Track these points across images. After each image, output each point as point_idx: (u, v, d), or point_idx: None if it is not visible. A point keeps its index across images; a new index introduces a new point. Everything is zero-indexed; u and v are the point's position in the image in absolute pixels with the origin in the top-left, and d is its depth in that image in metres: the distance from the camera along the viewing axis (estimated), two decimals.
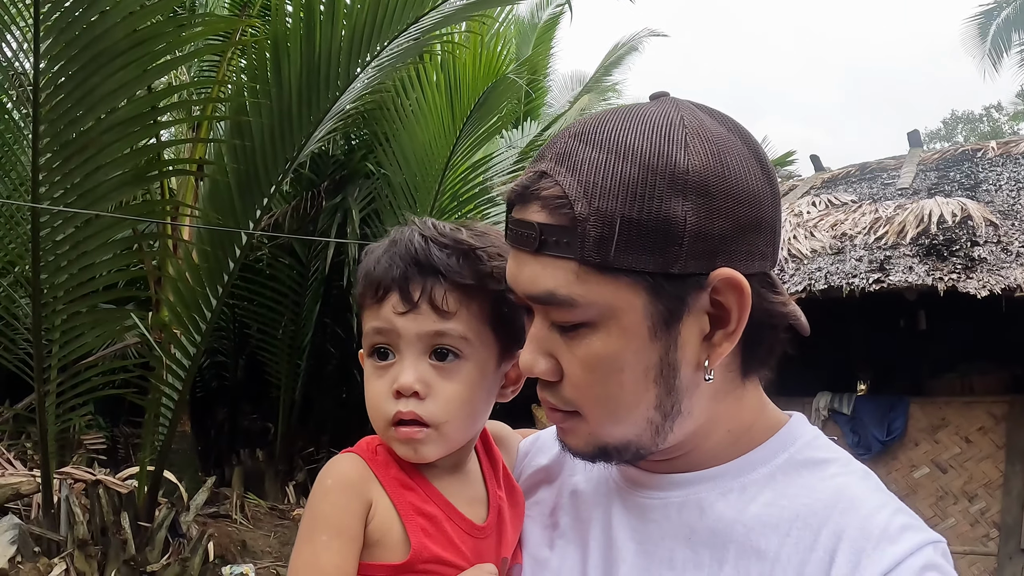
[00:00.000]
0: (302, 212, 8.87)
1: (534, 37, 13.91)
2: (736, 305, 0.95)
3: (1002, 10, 21.46)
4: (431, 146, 8.13)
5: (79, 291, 5.54)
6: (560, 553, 1.14)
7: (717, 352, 0.97)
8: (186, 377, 5.94)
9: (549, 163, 0.96)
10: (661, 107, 0.97)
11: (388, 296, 1.11)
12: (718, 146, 0.94)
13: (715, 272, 0.93)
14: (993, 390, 7.65)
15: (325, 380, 10.13)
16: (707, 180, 0.91)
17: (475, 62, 7.98)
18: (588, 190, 0.91)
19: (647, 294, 0.93)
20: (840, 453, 1.06)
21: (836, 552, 0.93)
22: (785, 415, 1.10)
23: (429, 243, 1.11)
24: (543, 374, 1.00)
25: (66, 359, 5.63)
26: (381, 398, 1.11)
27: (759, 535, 0.98)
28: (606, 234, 0.90)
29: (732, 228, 0.93)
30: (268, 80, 5.73)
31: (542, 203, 0.94)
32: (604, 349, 0.95)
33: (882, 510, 0.96)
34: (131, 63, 4.92)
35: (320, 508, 1.08)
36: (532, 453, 1.31)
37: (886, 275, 6.90)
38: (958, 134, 36.50)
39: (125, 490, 5.76)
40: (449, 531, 1.11)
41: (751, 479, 1.03)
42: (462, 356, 1.11)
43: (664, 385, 0.97)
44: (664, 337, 0.95)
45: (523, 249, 0.97)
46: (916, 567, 0.90)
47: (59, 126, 4.98)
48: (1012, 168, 8.44)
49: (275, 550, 7.41)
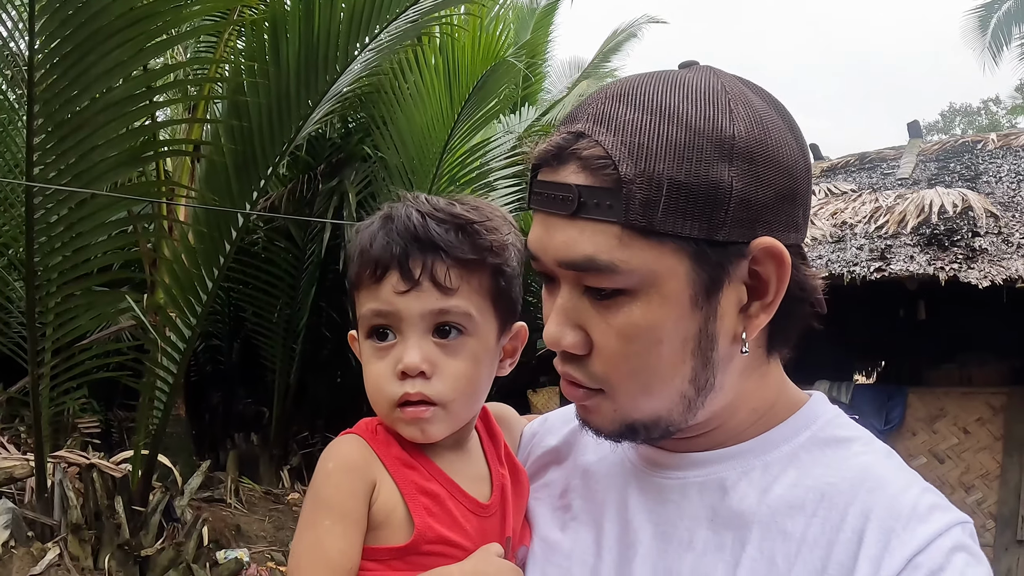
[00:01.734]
0: (298, 195, 8.81)
1: (533, 22, 13.82)
2: (775, 275, 0.93)
3: (1003, 3, 21.40)
4: (429, 129, 8.07)
5: (73, 273, 5.47)
6: (572, 536, 1.11)
7: (754, 324, 0.96)
8: (181, 360, 5.89)
9: (586, 124, 0.92)
10: (700, 74, 0.94)
11: (387, 275, 1.07)
12: (759, 114, 0.92)
13: (756, 241, 0.91)
14: (992, 381, 7.65)
15: (320, 364, 10.09)
16: (751, 147, 0.89)
17: (474, 45, 7.91)
18: (633, 151, 0.88)
19: (691, 261, 0.90)
20: (862, 432, 1.04)
21: (864, 532, 0.91)
22: (805, 394, 1.08)
23: (427, 218, 1.08)
24: (571, 347, 0.96)
25: (60, 342, 5.58)
26: (384, 380, 1.08)
27: (784, 516, 0.96)
28: (653, 197, 0.87)
29: (773, 197, 0.91)
30: (266, 61, 5.67)
31: (581, 163, 0.90)
32: (644, 318, 0.92)
33: (910, 489, 0.94)
34: (127, 42, 4.85)
35: (323, 492, 1.06)
36: (541, 434, 1.28)
37: (887, 264, 6.89)
38: (956, 127, 36.55)
39: (119, 474, 5.72)
40: (453, 510, 1.09)
41: (773, 457, 1.01)
42: (465, 332, 1.09)
43: (701, 357, 0.95)
44: (705, 307, 0.93)
45: (556, 213, 0.93)
46: (945, 548, 0.88)
47: (54, 106, 4.91)
48: (1012, 160, 8.43)
49: (269, 535, 7.39)
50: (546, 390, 9.90)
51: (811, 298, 1.01)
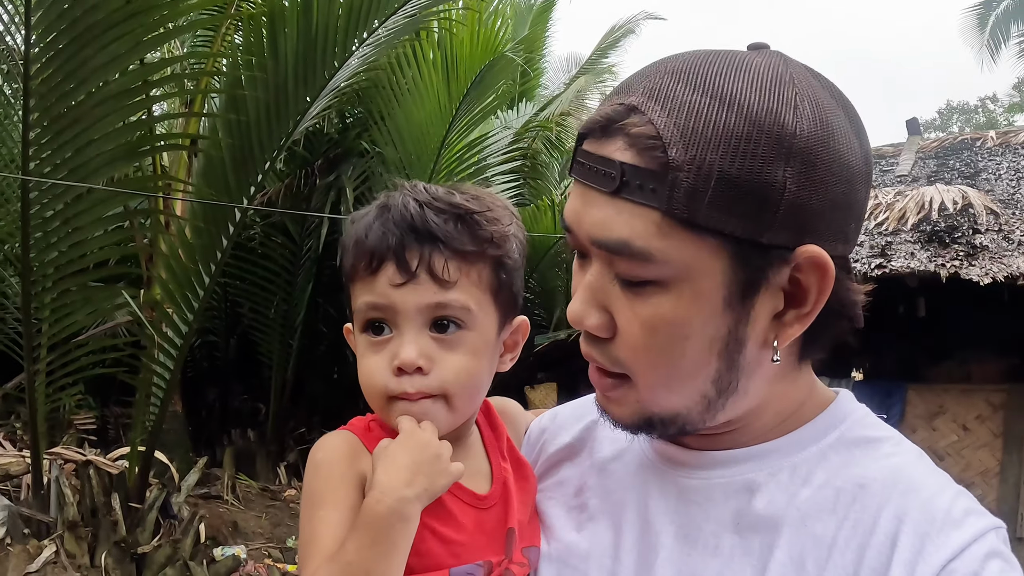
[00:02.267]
0: (295, 190, 8.78)
1: (531, 18, 13.81)
2: (816, 286, 0.89)
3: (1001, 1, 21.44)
4: (427, 125, 8.04)
5: (69, 268, 5.43)
6: (589, 537, 1.06)
7: (787, 333, 0.92)
8: (178, 356, 5.86)
9: (640, 98, 0.87)
10: (769, 59, 0.88)
11: (383, 267, 1.04)
12: (825, 113, 0.86)
13: (802, 248, 0.86)
14: (991, 378, 7.65)
15: (317, 360, 10.06)
16: (812, 148, 0.84)
17: (472, 40, 7.88)
18: (686, 135, 0.83)
19: (730, 260, 0.86)
20: (891, 432, 1.00)
21: (898, 536, 0.88)
22: (832, 392, 1.04)
23: (425, 208, 1.04)
24: (594, 328, 0.93)
25: (56, 338, 5.54)
26: (379, 375, 1.05)
27: (815, 519, 0.92)
28: (700, 187, 0.82)
29: (827, 204, 0.86)
30: (264, 55, 5.64)
31: (629, 140, 0.85)
32: (672, 312, 0.88)
33: (944, 492, 0.91)
34: (124, 36, 4.80)
35: (313, 484, 1.03)
36: (552, 430, 1.23)
37: (888, 261, 6.87)
38: (953, 124, 36.57)
39: (116, 471, 5.69)
40: (447, 502, 1.05)
41: (801, 458, 0.97)
42: (464, 326, 1.05)
43: (727, 360, 0.91)
44: (737, 309, 0.88)
45: (596, 187, 0.88)
46: (980, 555, 0.85)
47: (50, 100, 4.87)
48: (1012, 158, 8.45)
49: (266, 531, 7.36)
50: (544, 386, 9.89)
51: (849, 313, 0.96)
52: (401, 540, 0.97)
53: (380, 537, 0.96)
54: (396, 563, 0.97)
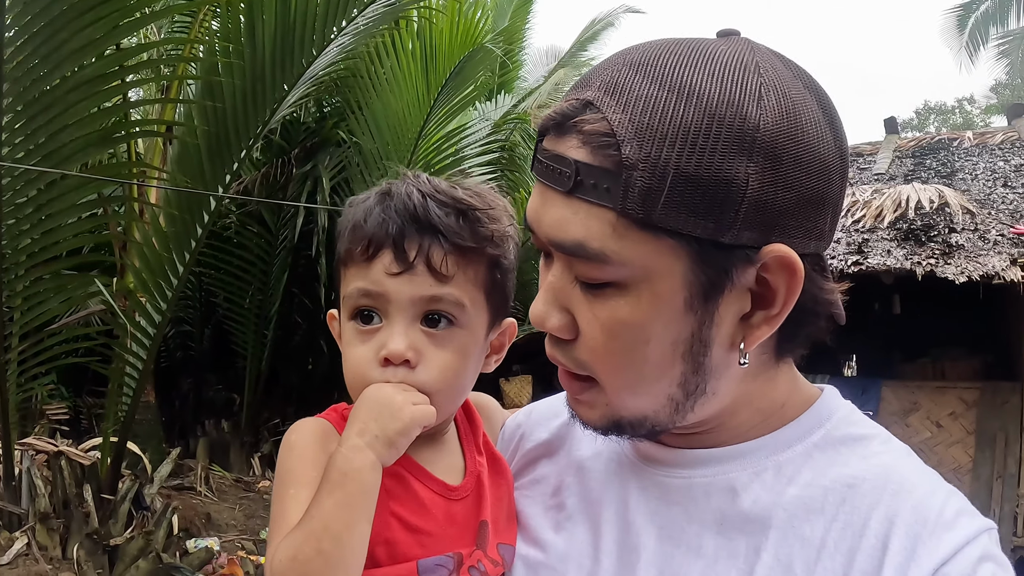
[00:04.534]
0: (272, 179, 8.72)
1: (511, 9, 13.77)
2: (785, 287, 0.85)
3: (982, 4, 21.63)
4: (404, 115, 8.00)
5: (42, 256, 5.36)
6: (567, 537, 1.04)
7: (755, 335, 0.88)
8: (151, 345, 5.80)
9: (596, 92, 0.83)
10: (734, 47, 0.84)
11: (380, 254, 1.02)
12: (794, 103, 0.82)
13: (768, 248, 0.82)
14: (965, 376, 7.73)
15: (292, 351, 10.01)
16: (777, 141, 0.79)
17: (451, 30, 7.84)
18: (640, 131, 0.79)
19: (689, 261, 0.82)
20: (878, 429, 0.98)
21: (889, 538, 0.86)
22: (816, 389, 1.01)
23: (428, 199, 1.02)
24: (555, 330, 0.91)
25: (28, 326, 5.47)
26: (365, 365, 1.03)
27: (802, 520, 0.90)
28: (655, 186, 0.78)
29: (795, 201, 0.81)
30: (241, 42, 5.58)
31: (583, 138, 0.82)
32: (631, 315, 0.85)
33: (935, 493, 0.89)
34: (100, 20, 4.74)
35: (286, 464, 1.02)
36: (527, 426, 1.20)
37: (864, 258, 6.91)
38: (930, 124, 36.85)
39: (88, 461, 5.64)
40: (418, 491, 1.04)
41: (786, 457, 0.94)
42: (456, 323, 1.04)
43: (692, 363, 0.88)
44: (700, 311, 0.85)
45: (552, 187, 0.85)
46: (973, 558, 0.84)
47: (23, 84, 4.79)
48: (988, 159, 8.52)
49: (240, 523, 7.31)
50: (519, 379, 9.90)
51: (825, 312, 0.93)
52: (357, 492, 0.95)
53: (335, 489, 0.95)
54: (355, 518, 0.95)
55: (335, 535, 0.93)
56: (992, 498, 7.12)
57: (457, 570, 1.03)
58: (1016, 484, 7.21)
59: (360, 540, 0.95)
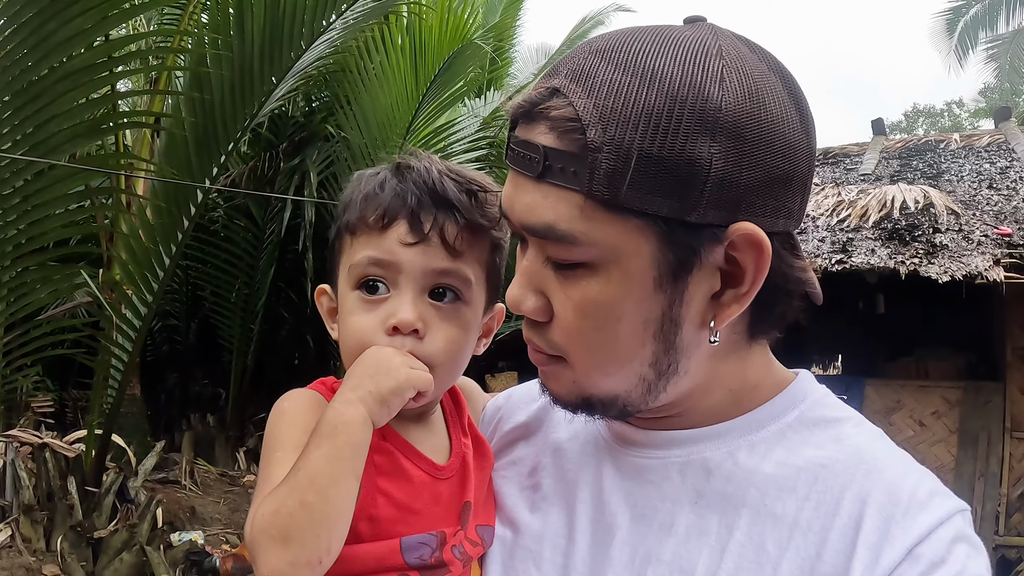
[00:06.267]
0: (259, 173, 8.69)
1: (501, 6, 13.77)
2: (753, 265, 0.86)
3: (971, 7, 21.69)
4: (393, 110, 8.00)
5: (29, 246, 5.36)
6: (542, 517, 1.05)
7: (725, 313, 0.89)
8: (136, 338, 5.79)
9: (563, 80, 0.85)
10: (698, 32, 0.86)
11: (395, 224, 1.03)
12: (757, 85, 0.83)
13: (735, 226, 0.84)
14: (948, 375, 7.77)
15: (278, 345, 10.01)
16: (740, 121, 0.81)
17: (441, 26, 7.85)
18: (604, 115, 0.81)
19: (657, 240, 0.84)
20: (851, 412, 0.99)
21: (862, 518, 0.87)
22: (791, 373, 1.02)
23: (444, 177, 1.04)
24: (530, 312, 0.93)
25: (14, 317, 5.46)
26: (370, 334, 1.03)
27: (775, 498, 0.91)
28: (619, 168, 0.80)
29: (760, 179, 0.83)
30: (230, 34, 5.57)
31: (550, 124, 0.84)
32: (601, 295, 0.87)
33: (909, 474, 0.90)
34: (89, 10, 4.72)
35: (275, 429, 1.02)
36: (507, 409, 1.22)
37: (848, 256, 6.94)
38: (919, 127, 36.95)
39: (72, 454, 5.62)
40: (406, 468, 1.05)
41: (759, 437, 0.96)
42: (461, 299, 1.05)
43: (663, 342, 0.89)
44: (670, 290, 0.87)
45: (523, 173, 0.88)
46: (947, 539, 0.85)
47: (11, 74, 4.78)
48: (974, 161, 8.57)
49: (225, 517, 7.30)
50: (504, 375, 9.90)
51: (797, 291, 0.95)
52: (346, 445, 0.94)
53: (323, 441, 0.94)
54: (342, 471, 0.94)
55: (320, 488, 0.92)
56: (974, 497, 7.17)
57: (440, 549, 1.03)
58: (998, 483, 7.26)
59: (346, 497, 0.94)
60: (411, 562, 1.02)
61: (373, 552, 1.01)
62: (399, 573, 1.02)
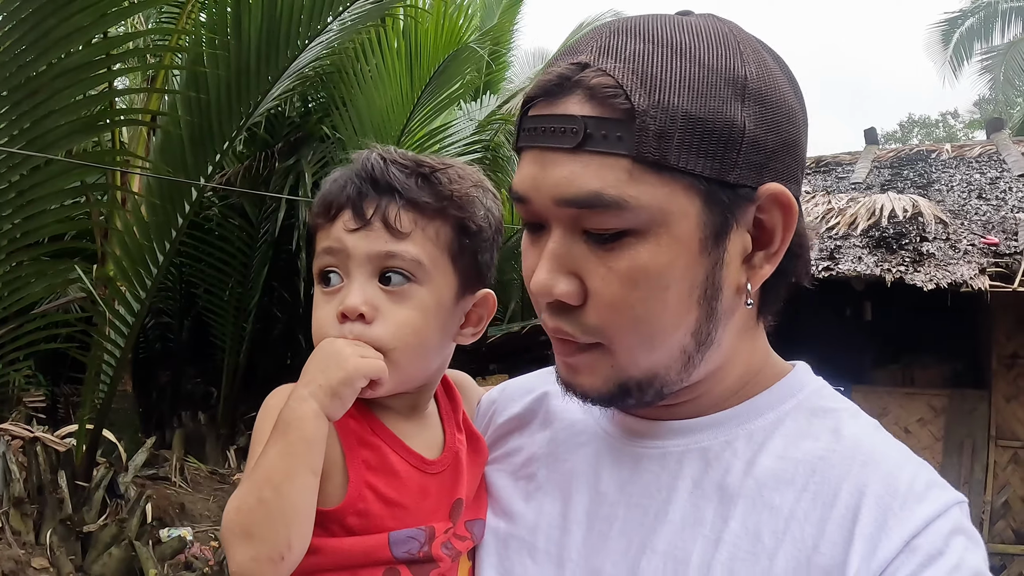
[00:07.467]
0: (254, 173, 8.71)
1: (499, 10, 13.80)
2: (782, 224, 0.90)
3: (966, 19, 21.75)
4: (388, 112, 8.04)
5: (23, 241, 5.38)
6: (537, 508, 1.05)
7: (758, 275, 0.92)
8: (129, 334, 5.82)
9: (591, 55, 0.86)
10: (704, 18, 0.91)
11: (340, 214, 1.05)
12: (764, 60, 0.90)
13: (765, 186, 0.88)
14: (934, 383, 7.80)
15: (271, 344, 10.01)
16: (762, 90, 0.86)
17: (437, 29, 7.90)
18: (645, 82, 0.83)
19: (702, 201, 0.85)
20: (848, 403, 1.00)
21: (860, 509, 0.87)
22: (789, 364, 1.04)
23: (388, 163, 1.06)
24: (565, 296, 0.89)
25: (7, 311, 5.48)
26: (326, 324, 1.04)
27: (772, 490, 0.91)
28: (668, 128, 0.82)
29: (779, 143, 0.88)
30: (228, 34, 5.62)
31: (588, 93, 0.84)
32: (651, 260, 0.86)
33: (906, 465, 0.91)
34: (88, 8, 4.77)
35: (262, 426, 1.02)
36: (501, 401, 1.22)
37: (836, 263, 6.98)
38: (914, 138, 37.00)
39: (63, 448, 5.63)
40: (394, 463, 1.04)
41: (757, 426, 0.96)
42: (414, 280, 1.04)
43: (706, 308, 0.90)
44: (714, 252, 0.88)
45: (555, 147, 0.86)
46: (945, 531, 0.85)
47: (10, 70, 4.81)
48: (965, 171, 8.61)
49: (214, 514, 7.31)
50: (495, 378, 9.89)
51: (806, 254, 0.98)
52: (298, 441, 0.95)
53: (278, 438, 0.96)
54: (295, 466, 0.95)
55: (275, 485, 0.93)
56: None
57: (428, 543, 1.03)
58: (983, 491, 7.30)
59: (301, 491, 0.95)
60: (399, 556, 1.02)
61: (361, 545, 1.01)
62: (387, 567, 1.02)
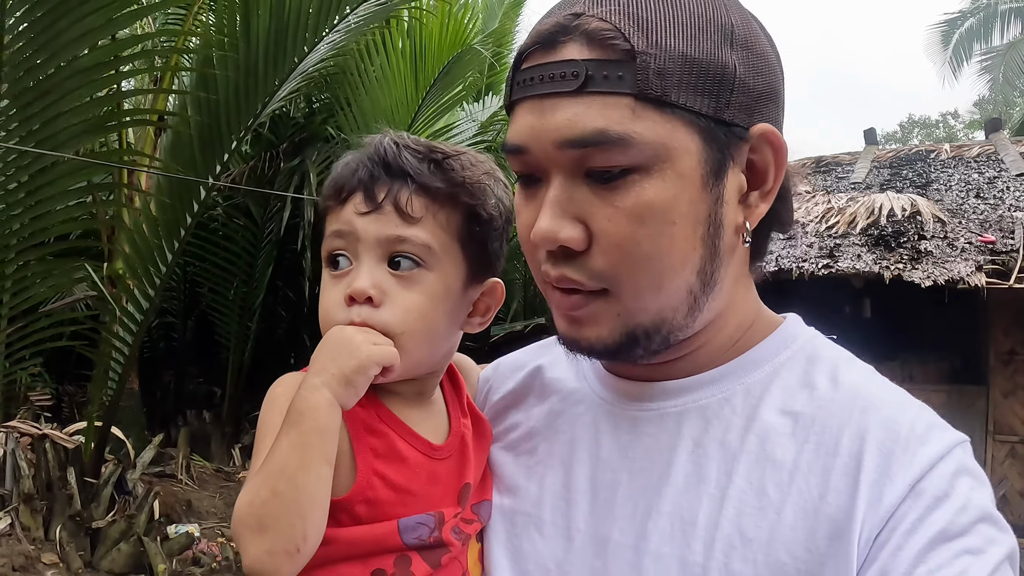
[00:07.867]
0: (259, 173, 8.77)
1: (501, 11, 13.86)
2: (774, 162, 0.92)
3: (966, 20, 21.79)
4: (393, 113, 8.11)
5: (32, 240, 5.45)
6: (539, 481, 1.05)
7: (755, 213, 0.93)
8: (137, 331, 5.87)
9: (583, 6, 0.88)
10: None
11: (351, 197, 1.05)
12: (746, 15, 0.94)
13: (757, 126, 0.90)
14: (932, 379, 7.84)
15: (275, 343, 10.07)
16: (747, 38, 0.90)
17: (441, 31, 7.97)
18: (642, 24, 0.85)
19: (701, 138, 0.87)
20: (842, 351, 1.00)
21: (862, 456, 0.86)
22: (780, 316, 1.04)
23: (400, 148, 1.06)
24: (570, 241, 0.89)
25: (16, 309, 5.54)
26: (334, 308, 1.03)
27: (773, 444, 0.91)
28: (667, 67, 0.85)
29: (764, 89, 0.91)
30: (235, 35, 5.68)
31: (586, 38, 0.86)
32: (658, 196, 0.87)
33: (906, 408, 0.90)
34: (97, 10, 4.85)
35: (267, 416, 1.01)
36: (495, 379, 1.22)
37: (835, 261, 7.04)
38: (914, 138, 37.02)
39: (71, 445, 5.68)
40: (402, 449, 1.04)
41: (754, 379, 0.96)
42: (424, 266, 1.03)
43: (710, 245, 0.90)
44: (714, 189, 0.89)
45: (556, 92, 0.88)
46: (949, 472, 0.84)
47: (20, 71, 4.89)
48: (963, 171, 8.65)
49: (220, 511, 7.37)
50: None
51: (790, 197, 0.99)
52: (312, 431, 0.94)
53: (291, 429, 0.94)
54: (310, 457, 0.94)
55: (290, 476, 0.92)
56: None
57: (439, 529, 1.02)
58: None
59: (317, 482, 0.93)
60: (409, 542, 1.01)
61: (371, 534, 1.00)
62: (398, 554, 1.01)
